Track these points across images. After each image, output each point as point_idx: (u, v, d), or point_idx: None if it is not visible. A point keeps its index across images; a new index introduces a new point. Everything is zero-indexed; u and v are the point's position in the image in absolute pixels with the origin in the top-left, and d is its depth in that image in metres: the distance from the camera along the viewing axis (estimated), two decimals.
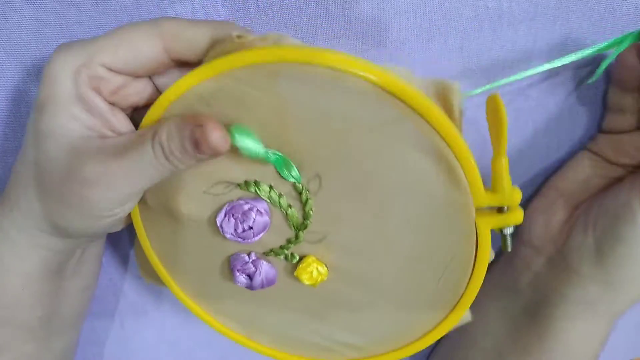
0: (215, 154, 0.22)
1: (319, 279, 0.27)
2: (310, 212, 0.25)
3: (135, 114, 0.26)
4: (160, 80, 0.25)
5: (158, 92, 0.25)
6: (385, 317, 0.29)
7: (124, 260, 0.36)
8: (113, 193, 0.23)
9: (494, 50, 0.30)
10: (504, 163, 0.23)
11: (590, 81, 0.30)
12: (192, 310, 0.31)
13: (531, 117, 0.32)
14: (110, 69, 0.23)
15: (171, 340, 0.39)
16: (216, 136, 0.22)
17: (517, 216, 0.24)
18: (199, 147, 0.22)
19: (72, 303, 0.30)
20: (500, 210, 0.24)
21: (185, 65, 0.24)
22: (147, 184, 0.24)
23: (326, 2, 0.28)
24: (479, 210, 0.24)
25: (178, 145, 0.22)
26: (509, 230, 0.24)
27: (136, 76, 0.24)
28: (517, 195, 0.23)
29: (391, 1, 0.28)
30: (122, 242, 0.35)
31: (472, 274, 0.26)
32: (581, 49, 0.30)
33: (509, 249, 0.25)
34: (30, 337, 0.28)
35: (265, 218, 0.26)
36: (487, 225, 0.24)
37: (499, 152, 0.23)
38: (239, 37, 0.23)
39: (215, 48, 0.23)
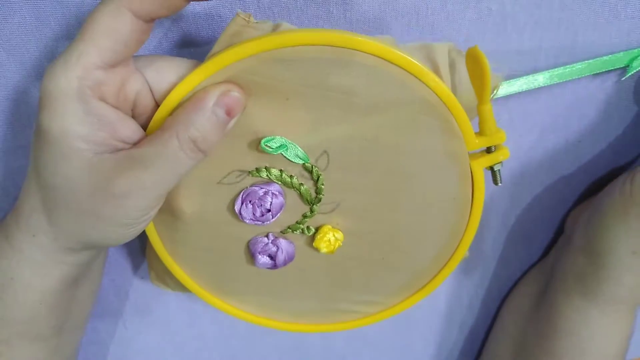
0: (241, 110, 0.25)
1: (336, 245, 0.29)
2: (322, 186, 0.27)
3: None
4: (150, 75, 0.25)
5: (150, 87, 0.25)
6: (398, 270, 0.31)
7: (125, 261, 0.36)
8: (145, 200, 0.24)
9: (498, 53, 0.30)
10: (488, 109, 0.25)
11: (623, 78, 0.31)
12: (212, 303, 0.32)
13: (539, 119, 0.32)
14: (105, 67, 0.22)
15: (176, 340, 0.39)
16: (239, 92, 0.24)
17: (504, 153, 0.27)
18: (232, 110, 0.24)
19: (81, 307, 0.30)
20: (489, 150, 0.27)
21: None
22: (177, 182, 0.24)
23: (327, 3, 0.28)
24: (471, 154, 0.27)
25: (212, 126, 0.23)
26: (498, 167, 0.27)
27: (127, 58, 0.23)
28: (502, 135, 0.26)
29: (393, 3, 0.28)
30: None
31: (470, 213, 0.28)
32: (587, 53, 0.30)
33: (500, 184, 0.27)
34: (43, 345, 0.28)
35: (281, 199, 0.28)
36: (480, 165, 0.27)
37: (483, 100, 0.25)
38: (243, 18, 0.24)
39: (222, 37, 0.25)
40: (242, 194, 0.27)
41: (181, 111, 0.24)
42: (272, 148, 0.26)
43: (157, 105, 0.25)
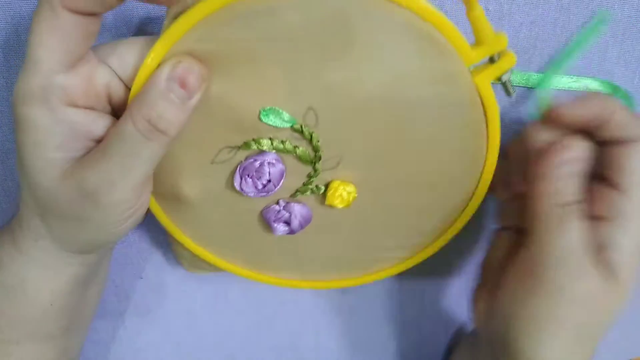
0: (201, 87, 0.22)
1: (351, 197, 0.28)
2: (318, 143, 0.26)
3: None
4: (114, 63, 0.23)
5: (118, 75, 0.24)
6: (420, 211, 0.29)
7: (124, 261, 0.36)
8: (118, 193, 0.23)
9: None
10: (479, 14, 0.23)
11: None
12: (246, 276, 0.32)
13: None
14: (63, 69, 0.21)
15: (175, 340, 0.39)
16: (192, 62, 0.22)
17: (510, 59, 0.24)
18: (187, 82, 0.22)
19: (89, 307, 0.30)
20: (492, 60, 0.24)
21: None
22: (149, 168, 0.23)
23: None
24: (473, 70, 0.24)
25: (168, 103, 0.22)
26: (507, 76, 0.25)
27: (83, 54, 0.22)
28: (503, 39, 0.23)
29: None
30: (122, 242, 0.35)
31: (487, 134, 0.26)
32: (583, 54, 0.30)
33: (513, 94, 0.26)
34: (52, 345, 0.28)
35: (279, 166, 0.26)
36: (485, 79, 0.24)
37: (471, 5, 0.22)
38: None
39: (172, 8, 0.23)
40: (238, 169, 0.26)
41: (137, 93, 0.23)
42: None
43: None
